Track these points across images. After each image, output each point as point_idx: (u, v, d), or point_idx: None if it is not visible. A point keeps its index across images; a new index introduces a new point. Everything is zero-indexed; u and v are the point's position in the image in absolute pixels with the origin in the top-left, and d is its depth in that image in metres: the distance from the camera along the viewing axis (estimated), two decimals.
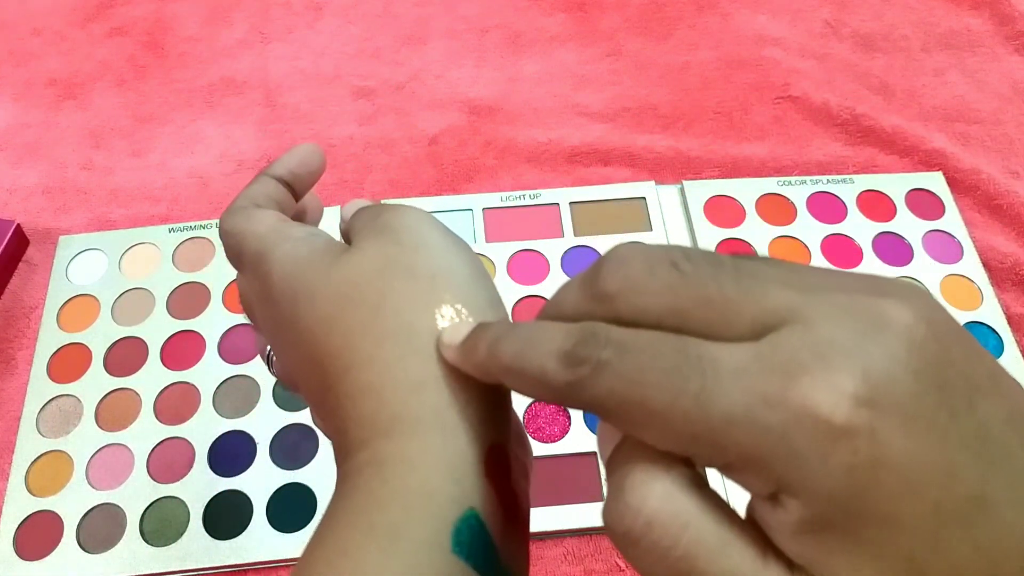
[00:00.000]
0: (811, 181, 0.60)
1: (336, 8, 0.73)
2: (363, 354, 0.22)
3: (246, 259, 0.28)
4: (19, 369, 0.53)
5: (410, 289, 0.23)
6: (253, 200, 0.29)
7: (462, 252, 0.25)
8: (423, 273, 0.23)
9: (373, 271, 0.23)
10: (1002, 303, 0.55)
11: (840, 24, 0.72)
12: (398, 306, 0.23)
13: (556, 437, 0.49)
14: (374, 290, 0.23)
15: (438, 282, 0.23)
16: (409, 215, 0.25)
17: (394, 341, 0.22)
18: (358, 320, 0.23)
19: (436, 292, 0.23)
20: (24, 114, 0.66)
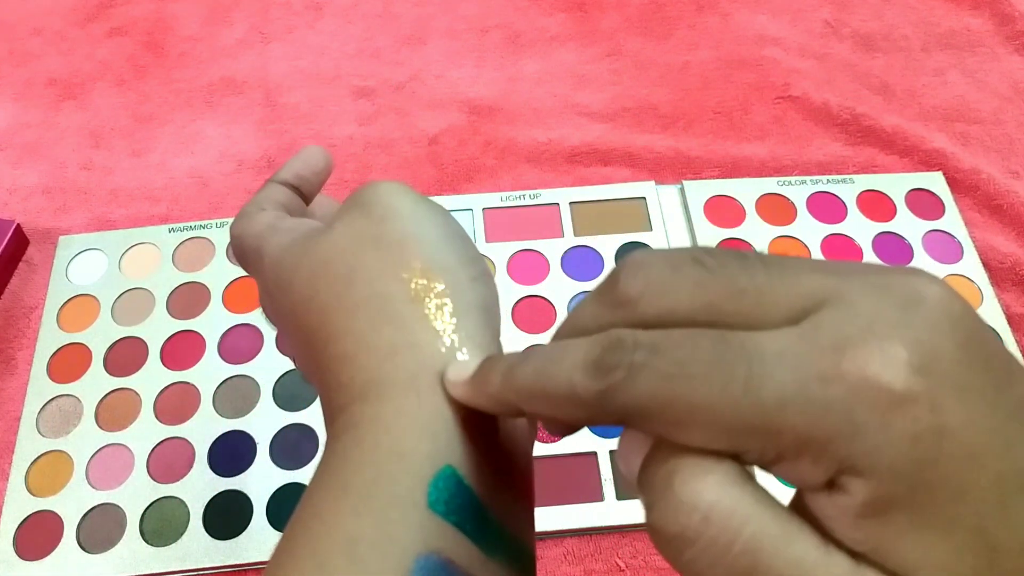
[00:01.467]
0: (811, 181, 0.60)
1: (336, 8, 0.73)
2: (339, 326, 0.23)
3: (248, 259, 0.28)
4: (19, 369, 0.53)
5: (378, 258, 0.23)
6: (259, 205, 0.30)
7: (432, 216, 0.25)
8: (390, 241, 0.23)
9: (343, 246, 0.24)
10: (1002, 303, 0.55)
11: (840, 24, 0.72)
12: (367, 276, 0.23)
13: (556, 437, 0.49)
14: (344, 264, 0.23)
15: (405, 248, 0.23)
16: (380, 188, 0.25)
17: (366, 310, 0.23)
18: (332, 295, 0.23)
19: (404, 258, 0.23)
20: (24, 114, 0.66)
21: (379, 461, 0.20)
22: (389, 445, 0.20)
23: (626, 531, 0.47)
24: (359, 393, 0.22)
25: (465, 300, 0.23)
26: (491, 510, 0.21)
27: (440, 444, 0.20)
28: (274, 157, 0.63)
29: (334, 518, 0.20)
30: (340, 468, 0.21)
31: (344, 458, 0.21)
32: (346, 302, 0.23)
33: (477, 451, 0.21)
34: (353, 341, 0.22)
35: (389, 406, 0.21)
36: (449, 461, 0.20)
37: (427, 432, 0.20)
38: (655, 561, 0.46)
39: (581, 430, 0.48)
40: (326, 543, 0.19)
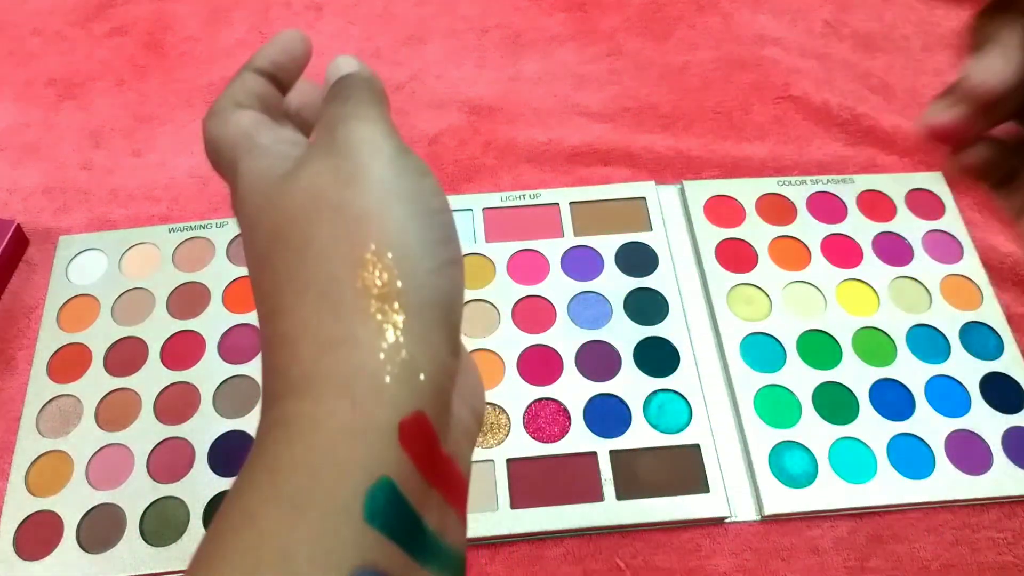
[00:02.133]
0: (811, 181, 0.60)
1: (336, 8, 0.73)
2: (286, 301, 0.21)
3: (222, 168, 0.26)
4: (19, 369, 0.53)
5: (333, 234, 0.21)
6: (234, 99, 0.26)
7: (405, 183, 0.22)
8: (349, 214, 0.21)
9: (304, 205, 0.22)
10: (1002, 303, 0.55)
11: (840, 24, 0.72)
12: (320, 252, 0.21)
13: (556, 437, 0.49)
14: (300, 231, 0.21)
15: (363, 226, 0.21)
16: (357, 134, 0.23)
17: (313, 292, 0.21)
18: (285, 263, 0.22)
19: (359, 238, 0.21)
20: (24, 114, 0.66)
21: (313, 468, 0.19)
22: (323, 451, 0.19)
23: (626, 531, 0.47)
24: (293, 386, 0.20)
25: (419, 295, 0.21)
26: (425, 519, 0.20)
27: (375, 453, 0.19)
28: None
29: (267, 526, 0.19)
30: (272, 469, 0.20)
31: (276, 458, 0.20)
32: (296, 276, 0.21)
33: (413, 459, 0.20)
34: (295, 324, 0.21)
35: (322, 408, 0.20)
36: (385, 471, 0.19)
37: (362, 440, 0.19)
38: (655, 561, 0.46)
39: (580, 431, 0.48)
40: (259, 554, 0.18)
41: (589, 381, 0.51)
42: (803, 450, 0.49)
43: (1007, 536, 0.47)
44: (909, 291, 0.55)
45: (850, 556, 0.46)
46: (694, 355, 0.52)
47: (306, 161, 0.23)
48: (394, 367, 0.20)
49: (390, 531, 0.19)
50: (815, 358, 0.52)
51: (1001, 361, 0.52)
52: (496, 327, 0.53)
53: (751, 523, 0.47)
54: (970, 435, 0.49)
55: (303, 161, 0.23)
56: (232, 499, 0.20)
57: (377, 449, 0.19)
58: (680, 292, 0.55)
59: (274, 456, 0.20)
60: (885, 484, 0.47)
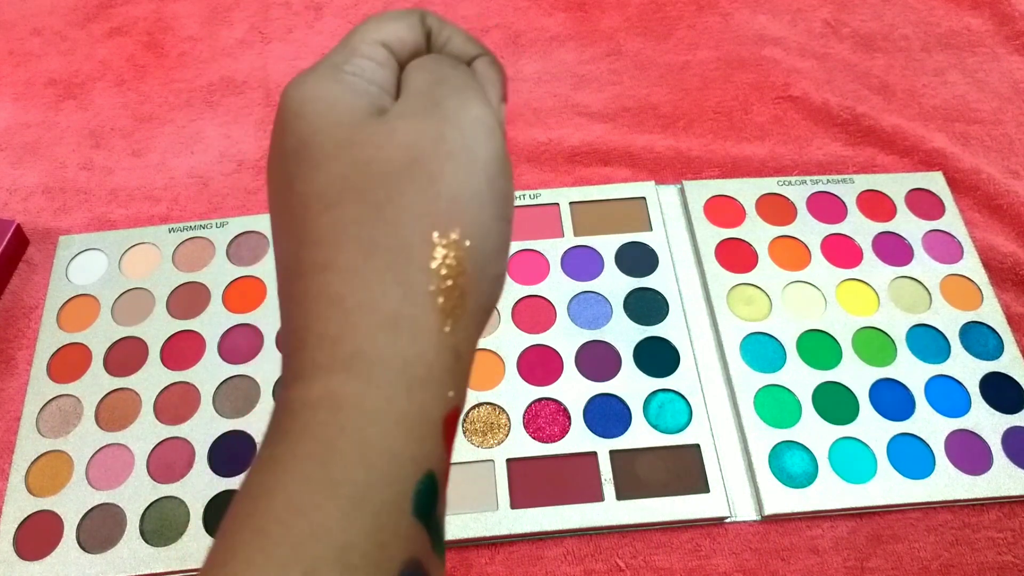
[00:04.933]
0: (811, 181, 0.60)
1: (336, 8, 0.73)
2: (346, 257, 0.20)
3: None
4: (19, 369, 0.53)
5: (422, 202, 0.20)
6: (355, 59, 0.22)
7: (500, 181, 0.21)
8: (446, 190, 0.20)
9: (393, 162, 0.20)
10: (1002, 303, 0.55)
11: (840, 24, 0.72)
12: (402, 217, 0.19)
13: (556, 437, 0.49)
14: (384, 186, 0.20)
15: (456, 207, 0.20)
16: (471, 108, 0.21)
17: (384, 257, 0.19)
18: (355, 214, 0.20)
19: (448, 219, 0.20)
20: (24, 114, 0.66)
21: (370, 460, 0.19)
22: (379, 442, 0.19)
23: (626, 531, 0.47)
24: (344, 362, 0.19)
25: (479, 296, 0.20)
26: (438, 510, 0.21)
27: (426, 448, 0.19)
28: None
29: (321, 520, 0.18)
30: (322, 457, 0.18)
31: (325, 444, 0.19)
32: (367, 233, 0.19)
33: (447, 455, 0.20)
34: (354, 286, 0.19)
35: (377, 393, 0.19)
36: (431, 465, 0.19)
37: (415, 433, 0.19)
38: (655, 561, 0.46)
39: (580, 431, 0.48)
40: (314, 548, 0.18)
41: (589, 381, 0.51)
42: (803, 450, 0.49)
43: (1007, 536, 0.47)
44: (909, 291, 0.55)
45: (850, 556, 0.46)
46: (694, 355, 0.52)
47: (405, 114, 0.21)
48: (447, 361, 0.20)
49: (427, 523, 0.19)
50: (815, 358, 0.52)
51: (1001, 361, 0.52)
52: (496, 327, 0.53)
53: (751, 523, 0.47)
54: (970, 435, 0.49)
55: (400, 112, 0.21)
56: (271, 485, 0.19)
57: (427, 442, 0.19)
58: (680, 292, 0.55)
59: (323, 441, 0.19)
60: (885, 484, 0.47)
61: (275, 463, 0.19)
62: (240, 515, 0.19)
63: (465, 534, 0.46)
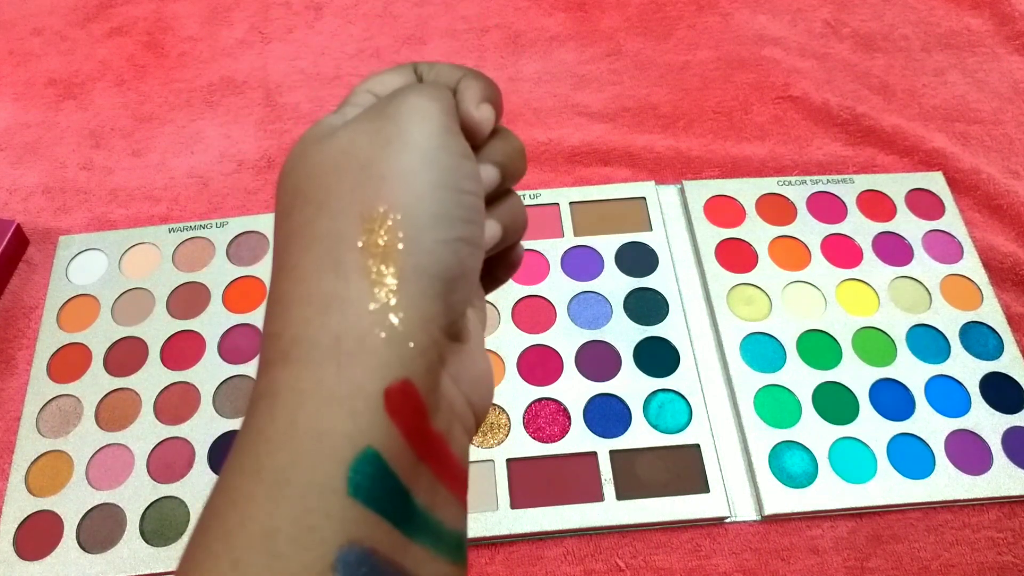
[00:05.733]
0: (811, 181, 0.60)
1: (336, 8, 0.73)
2: (291, 258, 0.21)
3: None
4: (19, 369, 0.53)
5: (353, 189, 0.21)
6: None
7: (439, 154, 0.21)
8: (376, 172, 0.21)
9: (335, 160, 0.21)
10: (1002, 303, 0.55)
11: (840, 24, 0.72)
12: (337, 208, 0.20)
13: (556, 437, 0.49)
14: (323, 186, 0.21)
15: (383, 186, 0.20)
16: (408, 101, 0.22)
17: (321, 248, 0.20)
18: (303, 217, 0.21)
19: (375, 197, 0.20)
20: (24, 114, 0.66)
21: (296, 441, 0.18)
22: (306, 423, 0.18)
23: (626, 531, 0.47)
24: (283, 352, 0.20)
25: (419, 261, 0.20)
26: (415, 493, 0.20)
27: (361, 423, 0.19)
28: (274, 157, 0.63)
29: (248, 507, 0.18)
30: (254, 446, 0.19)
31: (258, 434, 0.19)
32: (306, 232, 0.21)
33: (400, 429, 0.19)
34: (295, 281, 0.20)
35: (308, 374, 0.19)
36: (370, 442, 0.18)
37: (346, 408, 0.19)
38: (655, 561, 0.46)
39: (580, 431, 0.48)
40: (241, 537, 0.18)
41: (589, 381, 0.51)
42: (803, 450, 0.49)
43: (1007, 536, 0.47)
44: (909, 291, 0.55)
45: (850, 556, 0.46)
46: (694, 355, 0.52)
47: (352, 122, 0.22)
48: (382, 330, 0.19)
49: (377, 505, 0.18)
50: (815, 358, 0.52)
51: (1001, 361, 0.52)
52: (496, 327, 0.53)
53: (751, 523, 0.47)
54: (970, 435, 0.49)
55: (350, 122, 0.22)
56: (217, 484, 0.19)
57: (362, 417, 0.19)
58: (680, 292, 0.55)
59: (258, 431, 0.19)
60: (885, 484, 0.47)
61: (226, 461, 0.20)
62: (202, 512, 0.19)
63: None
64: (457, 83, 0.25)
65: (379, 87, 0.25)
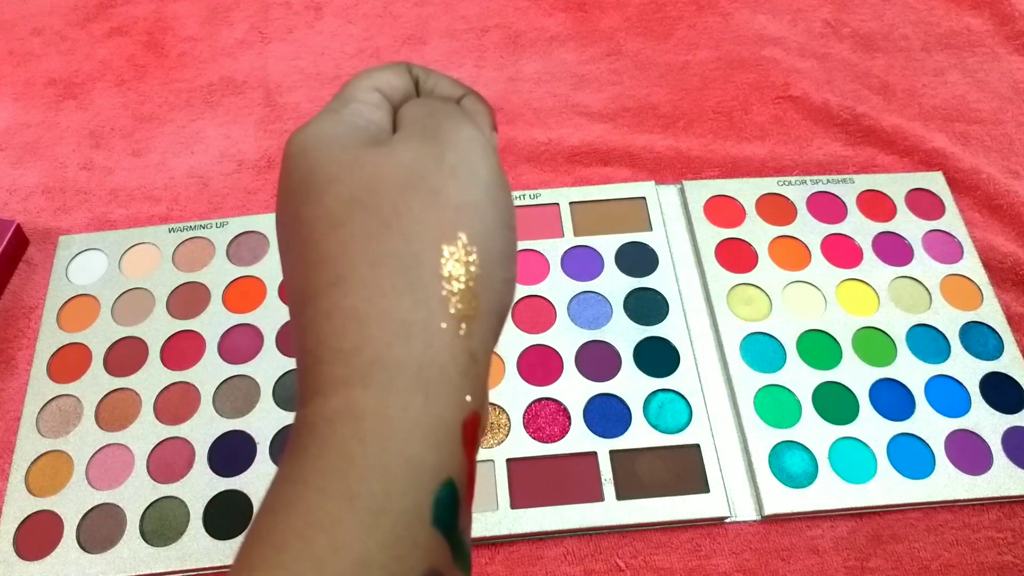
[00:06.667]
0: (811, 181, 0.60)
1: (336, 8, 0.73)
2: (358, 271, 0.20)
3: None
4: (19, 369, 0.53)
5: (429, 214, 0.20)
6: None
7: (500, 192, 0.22)
8: (450, 201, 0.21)
9: (398, 180, 0.21)
10: (1002, 303, 0.55)
11: (840, 24, 0.72)
12: (410, 229, 0.20)
13: (556, 437, 0.49)
14: (390, 202, 0.21)
15: (462, 216, 0.21)
16: (465, 131, 0.22)
17: (394, 267, 0.20)
18: (363, 230, 0.20)
19: (455, 227, 0.20)
20: (24, 114, 0.66)
21: (388, 470, 0.18)
22: (398, 451, 0.19)
23: (626, 531, 0.47)
24: (363, 373, 0.19)
25: (491, 299, 0.21)
26: (460, 518, 0.20)
27: (444, 454, 0.19)
28: (274, 157, 0.63)
29: (342, 534, 0.18)
30: (342, 470, 0.18)
31: (345, 457, 0.19)
32: (376, 246, 0.20)
33: (469, 460, 0.20)
34: (367, 298, 0.20)
35: (395, 401, 0.19)
36: (451, 473, 0.19)
37: (432, 439, 0.19)
38: (655, 561, 0.46)
39: (580, 431, 0.48)
40: (334, 564, 0.17)
41: (589, 381, 0.51)
42: (803, 450, 0.49)
43: (1007, 536, 0.47)
44: (909, 291, 0.55)
45: (850, 556, 0.46)
46: (694, 355, 0.52)
47: (405, 139, 0.22)
48: (461, 362, 0.20)
49: (447, 532, 0.19)
50: (815, 358, 0.52)
51: (1001, 361, 0.52)
52: None
53: (751, 523, 0.47)
54: (970, 435, 0.49)
55: (401, 138, 0.22)
56: (291, 499, 0.18)
57: (444, 448, 0.19)
58: (680, 292, 0.55)
59: (343, 455, 0.19)
60: (885, 484, 0.47)
61: (296, 478, 0.19)
62: (260, 531, 0.19)
63: None
64: (459, 101, 0.25)
65: (384, 85, 0.25)
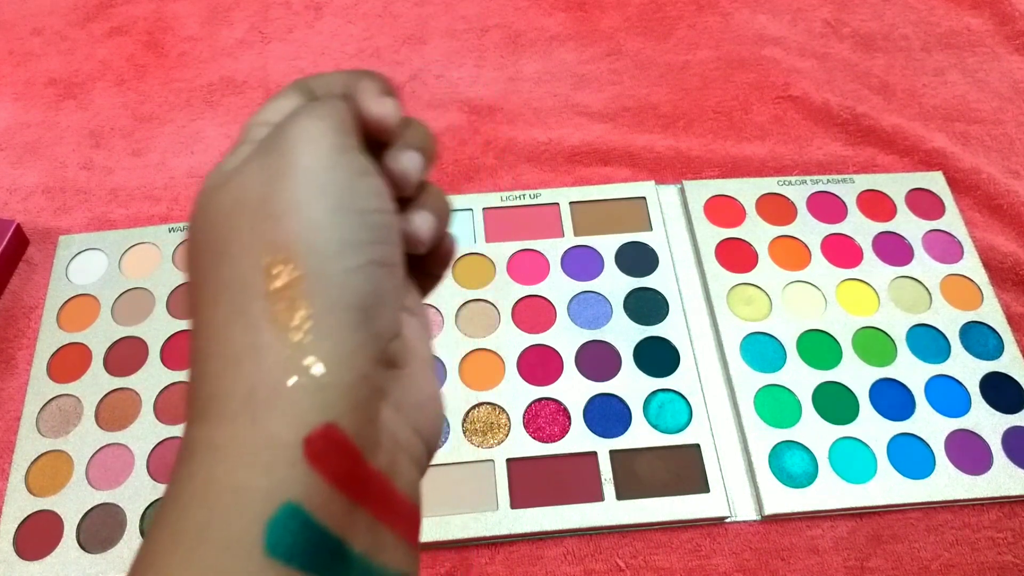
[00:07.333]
0: (811, 181, 0.60)
1: (336, 8, 0.73)
2: (201, 313, 0.20)
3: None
4: (19, 369, 0.53)
5: (252, 231, 0.19)
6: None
7: (334, 176, 0.20)
8: (270, 211, 0.19)
9: (229, 207, 0.20)
10: (1002, 303, 0.55)
11: (840, 24, 0.72)
12: (238, 253, 0.19)
13: (556, 437, 0.49)
14: (222, 231, 0.20)
15: (281, 223, 0.19)
16: (300, 125, 0.21)
17: (226, 298, 0.19)
18: (203, 271, 0.20)
19: (275, 236, 0.19)
20: (24, 114, 0.66)
21: (211, 500, 0.17)
22: (222, 480, 0.18)
23: (626, 531, 0.47)
24: (200, 410, 0.19)
25: (331, 295, 0.19)
26: (351, 541, 0.18)
27: (278, 477, 0.18)
28: None
29: (164, 564, 0.17)
30: (172, 504, 0.18)
31: (177, 492, 0.18)
32: (213, 281, 0.20)
33: (327, 477, 0.18)
34: (207, 337, 0.19)
35: (222, 430, 0.18)
36: (290, 496, 0.17)
37: (261, 462, 0.18)
38: (655, 561, 0.46)
39: (580, 431, 0.47)
40: None
41: (589, 381, 0.51)
42: (803, 450, 0.49)
43: (1007, 536, 0.47)
44: (909, 291, 0.55)
45: (850, 556, 0.46)
46: (694, 355, 0.52)
47: (244, 162, 0.21)
48: (298, 375, 0.18)
49: (301, 561, 0.17)
50: (815, 358, 0.52)
51: (1001, 361, 0.52)
52: (496, 327, 0.53)
53: (751, 523, 0.47)
54: (970, 435, 0.49)
55: (242, 163, 0.21)
56: (138, 551, 0.18)
57: (280, 470, 0.18)
58: (680, 292, 0.55)
59: (176, 490, 0.18)
60: (885, 484, 0.47)
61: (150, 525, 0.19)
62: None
63: (465, 534, 0.46)
64: (350, 87, 0.24)
65: (273, 115, 0.23)
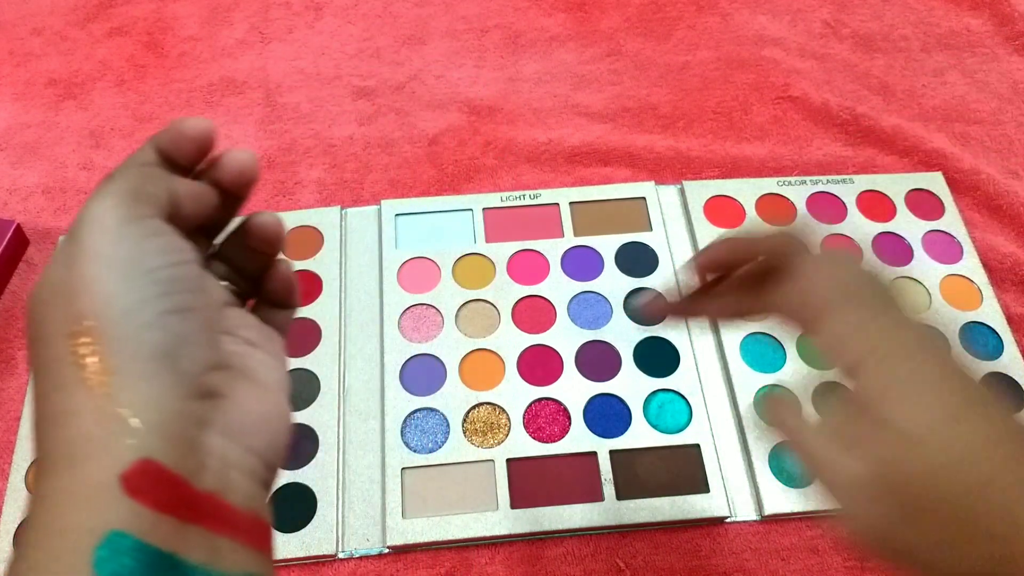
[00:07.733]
0: (811, 181, 0.60)
1: (336, 8, 0.73)
2: (36, 387, 0.22)
3: None
4: (19, 369, 0.53)
5: (57, 314, 0.22)
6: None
7: (121, 250, 0.23)
8: (69, 291, 0.23)
9: (46, 293, 0.23)
10: (1002, 303, 0.55)
11: (840, 24, 0.72)
12: (49, 336, 0.22)
13: (556, 437, 0.49)
14: (39, 317, 0.23)
15: (78, 299, 0.22)
16: (86, 210, 0.24)
17: (45, 372, 0.22)
18: (33, 351, 0.23)
19: (75, 311, 0.22)
20: (24, 114, 0.66)
21: (44, 543, 0.20)
22: (51, 524, 0.20)
23: (626, 531, 0.47)
24: (39, 469, 0.21)
25: (131, 351, 0.22)
26: (187, 555, 0.21)
27: (100, 513, 0.20)
28: (274, 157, 0.63)
29: None
30: (15, 558, 0.20)
31: (18, 547, 0.20)
32: (35, 364, 0.23)
33: (151, 505, 0.20)
34: (38, 407, 0.22)
35: (50, 483, 0.21)
36: (113, 526, 0.20)
37: (84, 504, 0.20)
38: (655, 561, 0.46)
39: (580, 431, 0.47)
40: None
41: (589, 381, 0.51)
42: None
43: None
44: (909, 291, 0.55)
45: (850, 556, 0.46)
46: (694, 355, 0.52)
47: (55, 255, 0.24)
48: (108, 424, 0.21)
49: None
50: (815, 358, 0.52)
51: (1001, 361, 0.52)
52: (496, 327, 0.53)
53: (751, 523, 0.47)
54: None
55: (53, 256, 0.24)
56: None
57: (100, 507, 0.20)
58: (680, 292, 0.55)
59: (19, 543, 0.20)
60: None
61: None
62: None
63: (465, 534, 0.46)
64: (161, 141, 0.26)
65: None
